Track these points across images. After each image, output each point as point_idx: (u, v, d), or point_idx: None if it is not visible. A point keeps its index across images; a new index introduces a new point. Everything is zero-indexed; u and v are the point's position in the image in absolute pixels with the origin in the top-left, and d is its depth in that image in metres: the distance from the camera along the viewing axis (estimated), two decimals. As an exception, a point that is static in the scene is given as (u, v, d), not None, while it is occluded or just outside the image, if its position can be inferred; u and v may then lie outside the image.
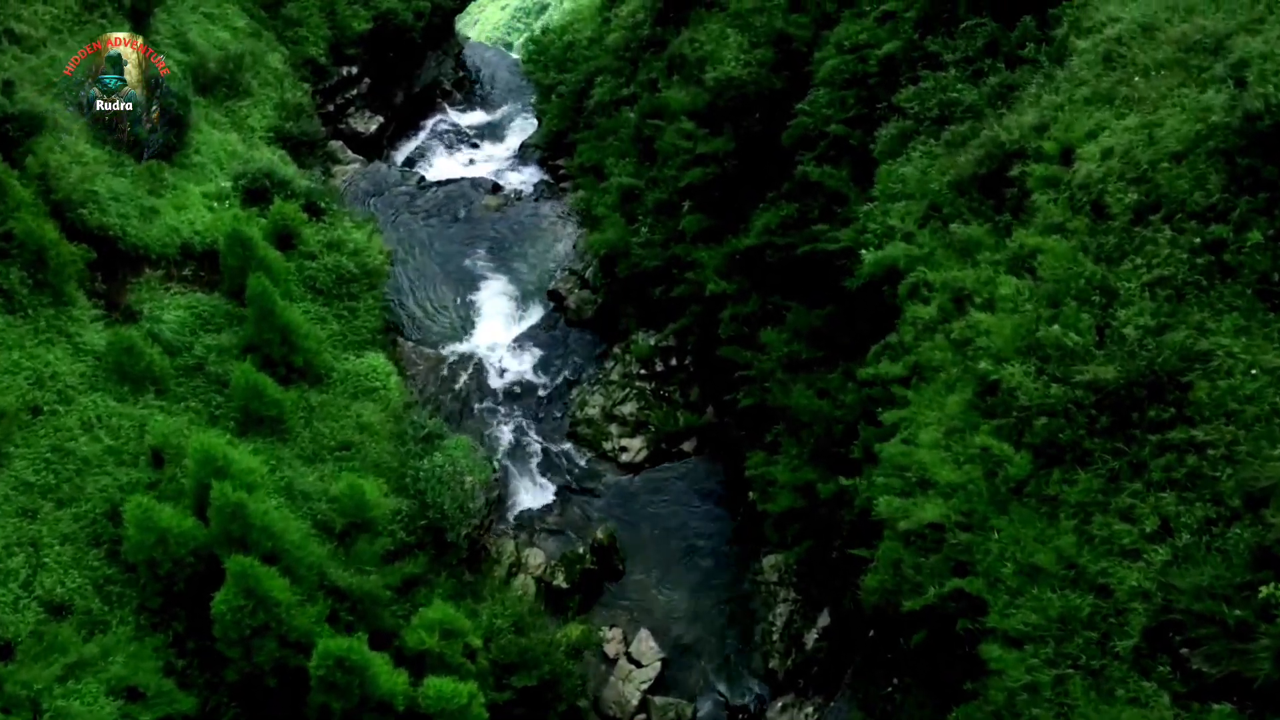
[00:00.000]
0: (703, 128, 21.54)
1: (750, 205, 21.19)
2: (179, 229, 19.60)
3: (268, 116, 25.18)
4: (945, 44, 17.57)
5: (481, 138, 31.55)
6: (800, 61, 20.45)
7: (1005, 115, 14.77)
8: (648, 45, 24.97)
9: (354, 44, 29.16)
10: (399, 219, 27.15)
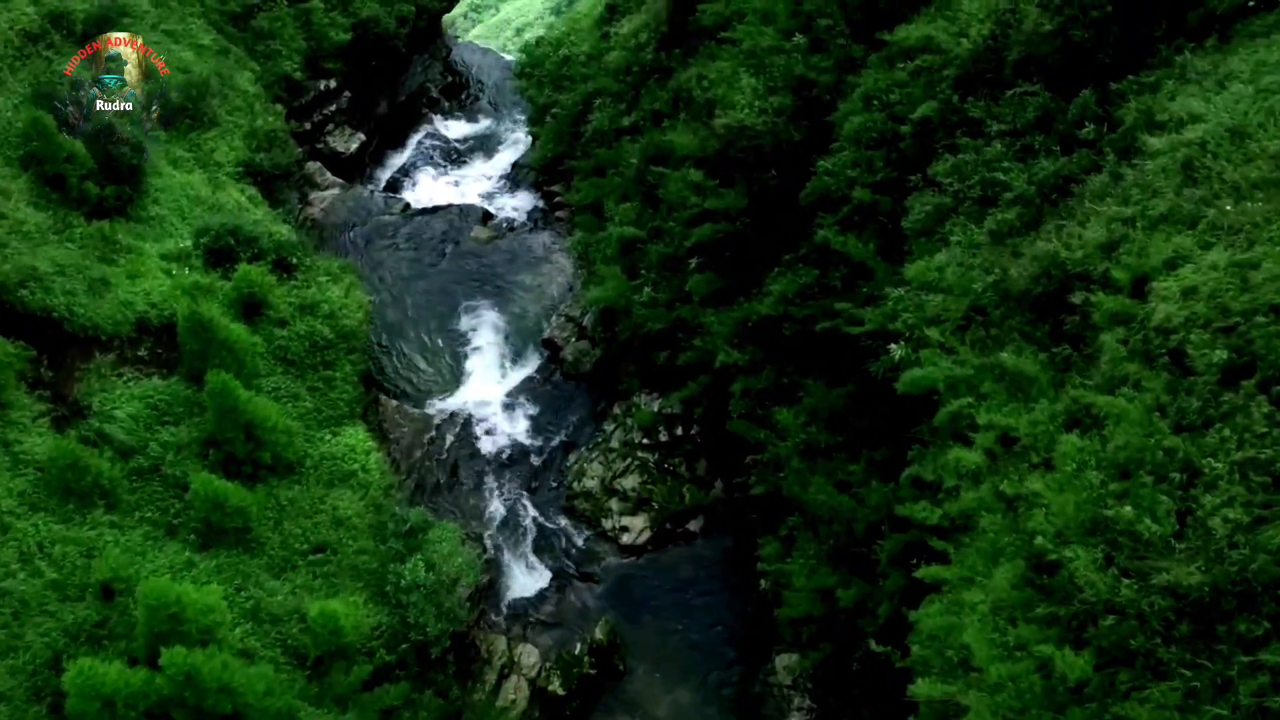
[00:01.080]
0: (712, 177, 19.56)
1: (764, 266, 19.31)
2: (133, 302, 17.76)
3: (236, 149, 23.08)
4: (989, 109, 15.53)
5: (471, 153, 29.36)
6: (822, 109, 18.39)
7: (1065, 225, 12.83)
8: (651, 71, 22.79)
9: (332, 55, 26.88)
10: (381, 254, 25.20)
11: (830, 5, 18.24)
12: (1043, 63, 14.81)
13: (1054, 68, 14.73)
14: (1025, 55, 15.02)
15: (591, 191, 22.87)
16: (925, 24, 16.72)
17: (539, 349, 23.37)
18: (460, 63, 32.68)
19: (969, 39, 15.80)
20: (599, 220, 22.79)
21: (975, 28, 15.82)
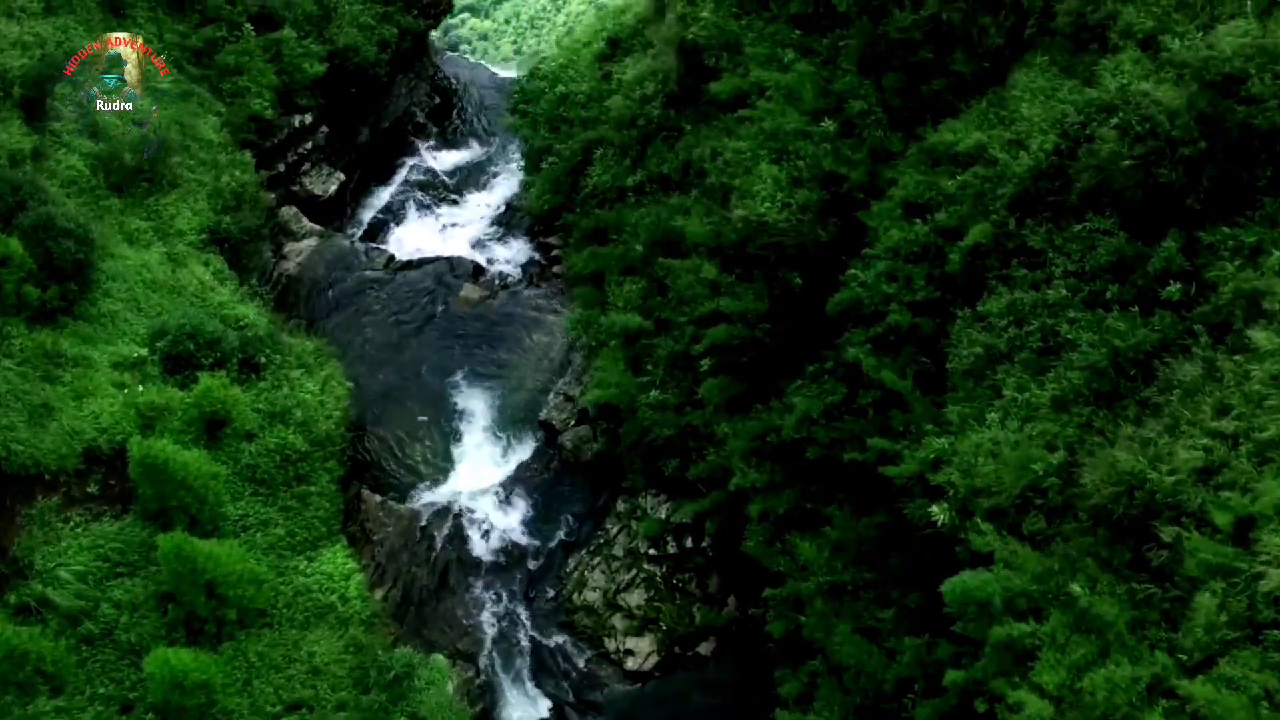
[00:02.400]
0: (727, 270, 17.52)
1: (785, 372, 17.40)
2: (80, 430, 15.87)
3: (200, 213, 20.90)
4: (1051, 238, 13.54)
5: (462, 187, 27.06)
6: (854, 205, 16.33)
7: (1149, 423, 10.91)
8: (658, 128, 20.53)
9: (307, 89, 24.45)
10: (364, 316, 23.20)
11: (864, 87, 16.05)
12: (1118, 196, 12.75)
13: (1132, 203, 12.67)
14: (1097, 183, 12.96)
15: (592, 263, 20.79)
16: (976, 126, 14.60)
17: (535, 430, 21.53)
18: (448, 80, 30.10)
19: (1029, 153, 13.70)
20: (599, 292, 20.76)
21: (1037, 140, 13.71)
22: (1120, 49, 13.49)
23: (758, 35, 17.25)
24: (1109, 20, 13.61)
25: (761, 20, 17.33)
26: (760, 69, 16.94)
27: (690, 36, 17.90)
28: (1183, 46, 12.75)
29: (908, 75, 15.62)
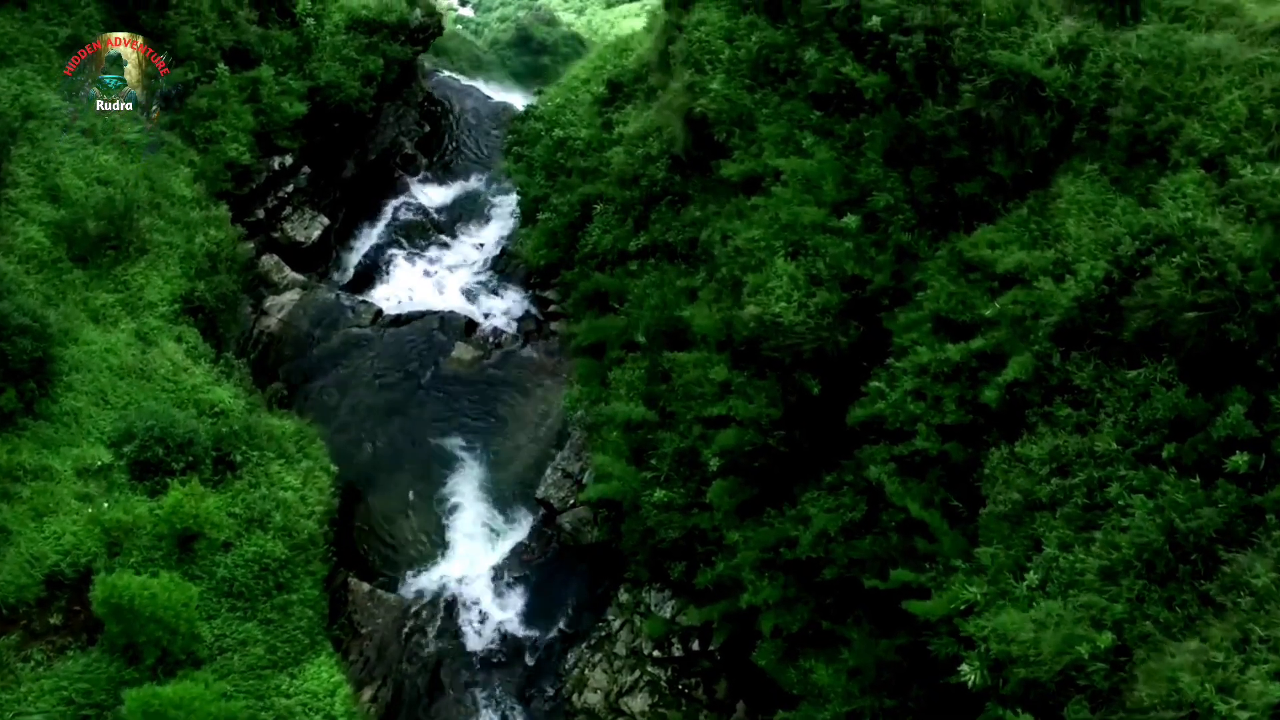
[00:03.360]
0: (738, 366, 16.22)
1: (800, 477, 16.21)
2: (42, 556, 14.72)
3: (172, 280, 19.53)
4: (1099, 376, 12.25)
5: (453, 227, 25.57)
6: (877, 306, 15.01)
7: (1222, 660, 9.74)
8: (664, 191, 19.07)
9: (287, 130, 22.88)
10: (350, 380, 21.93)
11: (891, 179, 14.65)
12: (1178, 343, 11.46)
13: (1194, 352, 11.38)
14: (1154, 325, 11.66)
15: (591, 335, 19.47)
16: (1016, 240, 13.26)
17: (532, 507, 20.39)
18: (438, 105, 28.37)
19: (1076, 281, 12.37)
20: (599, 364, 19.47)
21: (1085, 266, 12.37)
22: (1182, 167, 12.10)
23: (773, 112, 15.77)
24: (1169, 134, 12.20)
25: (778, 95, 15.84)
26: (775, 150, 15.52)
27: (699, 109, 16.40)
28: (1254, 173, 11.40)
29: (940, 171, 14.20)
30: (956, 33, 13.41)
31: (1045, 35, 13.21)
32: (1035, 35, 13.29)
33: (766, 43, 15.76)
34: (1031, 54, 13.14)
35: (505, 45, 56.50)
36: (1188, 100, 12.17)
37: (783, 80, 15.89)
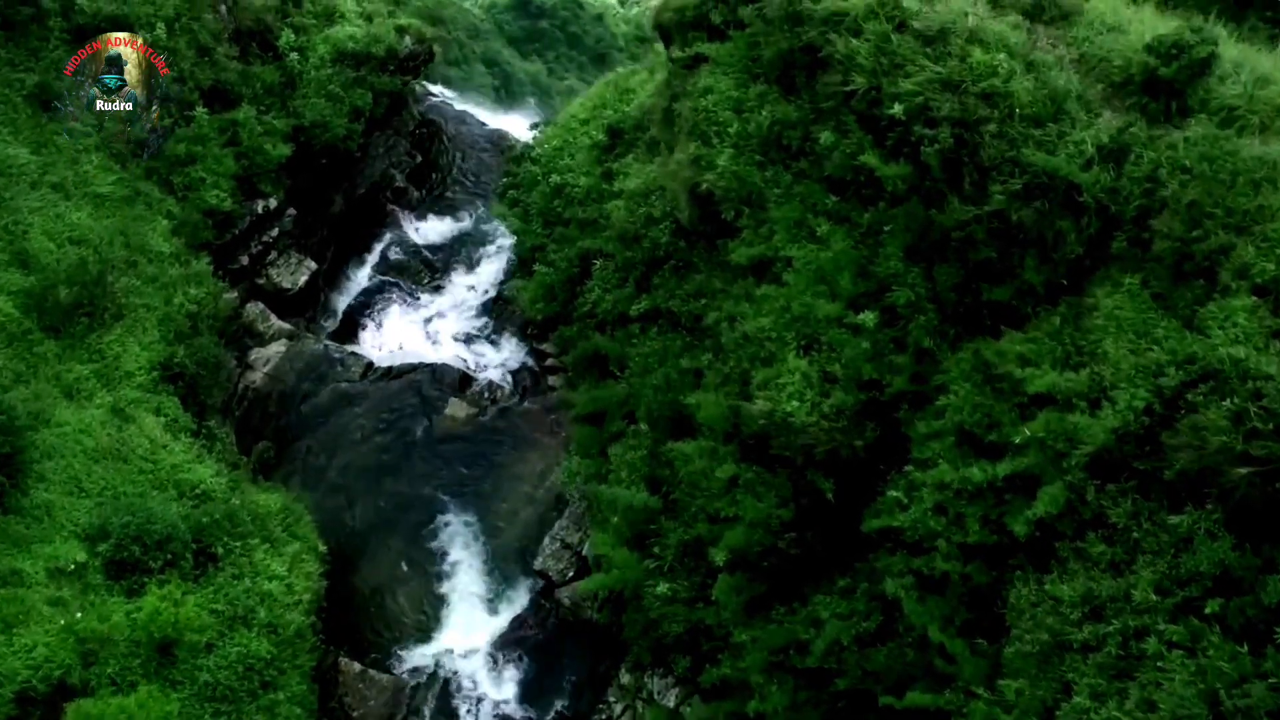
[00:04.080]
0: (745, 458, 15.36)
1: (811, 578, 15.43)
2: (13, 672, 13.90)
3: (150, 346, 18.59)
4: (1137, 514, 11.40)
5: (446, 266, 24.53)
6: (894, 408, 14.12)
7: None
8: (667, 255, 18.08)
9: (270, 174, 21.79)
10: (339, 438, 21.04)
11: (912, 274, 13.67)
12: (1226, 494, 10.60)
13: (1244, 504, 10.52)
14: (1200, 469, 10.80)
15: (591, 404, 18.58)
16: (1048, 356, 12.32)
17: (530, 578, 19.63)
18: (430, 132, 27.15)
19: (1115, 411, 11.47)
20: (599, 432, 18.62)
21: (1124, 395, 11.46)
22: (1232, 292, 11.15)
23: (784, 192, 14.75)
24: (1219, 254, 11.24)
25: (790, 174, 14.80)
26: (787, 234, 14.54)
27: (705, 185, 15.37)
28: (1313, 306, 10.47)
29: (965, 270, 13.22)
30: (986, 128, 12.37)
31: (1083, 133, 12.19)
32: (1072, 133, 12.27)
33: (778, 118, 14.69)
34: (1069, 155, 12.14)
35: (503, 9, 54.86)
36: (1240, 218, 11.19)
37: (795, 158, 14.84)
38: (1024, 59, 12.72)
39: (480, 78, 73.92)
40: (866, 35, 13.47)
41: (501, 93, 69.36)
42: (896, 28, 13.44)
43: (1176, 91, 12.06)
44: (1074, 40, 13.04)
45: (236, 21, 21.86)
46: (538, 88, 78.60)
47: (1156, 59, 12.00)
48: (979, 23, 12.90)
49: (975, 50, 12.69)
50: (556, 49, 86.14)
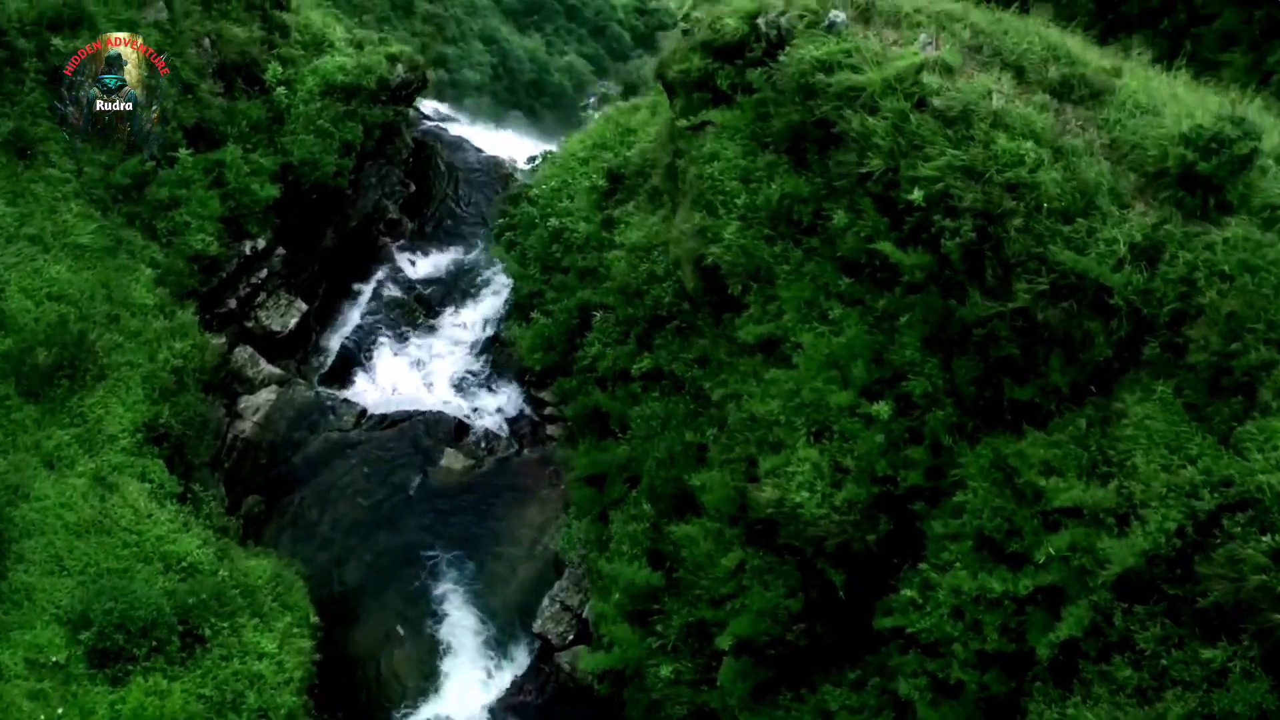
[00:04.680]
0: (752, 543, 14.79)
1: (821, 667, 14.89)
2: (-11, 776, 13.43)
3: (134, 406, 17.91)
4: (1166, 644, 10.82)
5: (440, 302, 23.79)
6: (909, 500, 13.51)
7: None
8: (671, 316, 17.39)
9: (257, 214, 21.01)
10: (331, 490, 20.43)
11: (929, 365, 13.01)
12: (1265, 634, 10.02)
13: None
14: (1236, 604, 10.21)
15: (590, 467, 17.97)
16: (1073, 466, 11.71)
17: (529, 639, 19.09)
18: (425, 159, 26.26)
19: (1145, 532, 10.85)
20: (599, 495, 18.03)
21: (1155, 515, 10.84)
22: (1273, 411, 10.50)
23: (794, 270, 14.04)
24: (1260, 371, 10.59)
25: (800, 250, 14.07)
26: (797, 314, 13.85)
27: (710, 258, 14.65)
28: (1363, 436, 9.83)
29: (986, 364, 12.56)
30: (1012, 222, 11.65)
31: (1115, 231, 11.48)
32: (1103, 229, 11.56)
33: (788, 192, 13.94)
34: (1100, 255, 11.43)
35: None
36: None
37: (807, 233, 14.11)
38: (1052, 145, 11.96)
39: (478, 55, 72.49)
40: (884, 113, 12.71)
41: (499, 86, 68.02)
42: (916, 104, 12.68)
43: (1215, 187, 11.34)
44: (1105, 123, 12.29)
45: (221, 56, 20.99)
46: (536, 65, 77.49)
47: (1194, 153, 11.27)
48: (1004, 105, 12.14)
49: (1000, 136, 11.95)
50: (555, 21, 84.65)
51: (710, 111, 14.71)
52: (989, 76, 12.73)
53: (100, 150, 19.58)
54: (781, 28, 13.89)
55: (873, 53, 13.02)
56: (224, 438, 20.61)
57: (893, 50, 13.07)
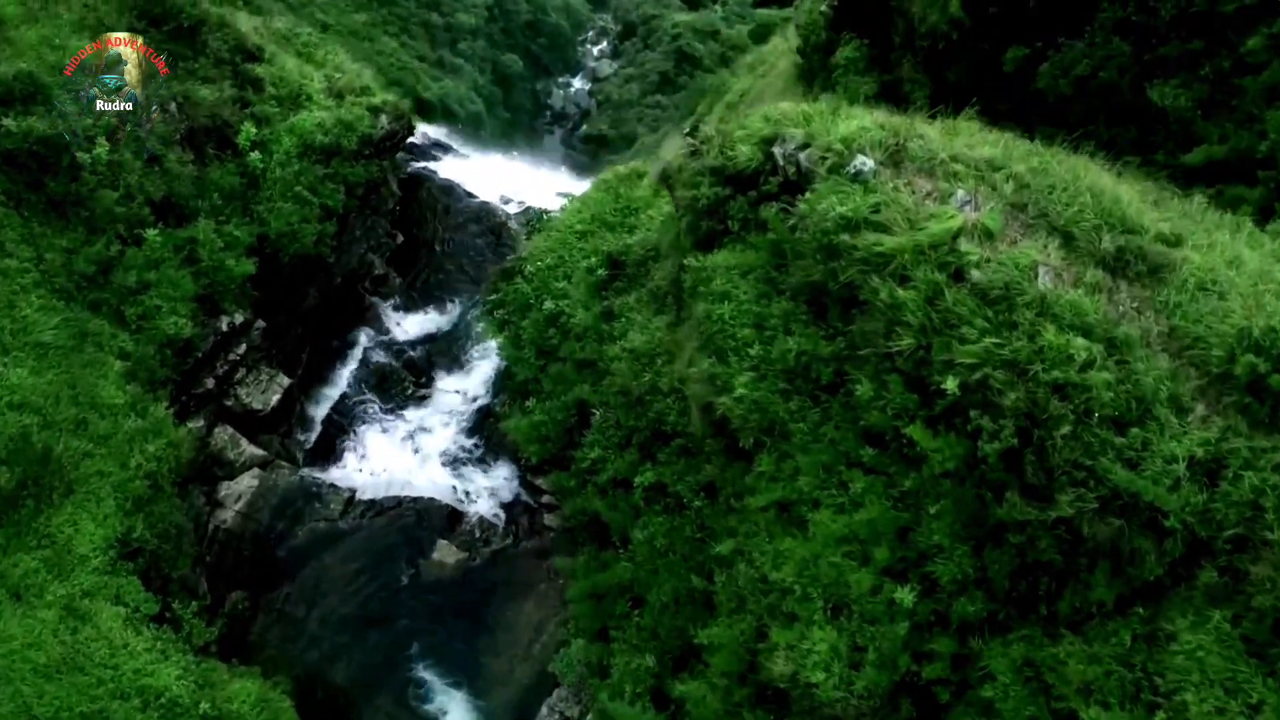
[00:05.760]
0: (763, 704, 13.93)
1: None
2: None
3: (105, 521, 16.85)
4: None
5: (431, 367, 22.58)
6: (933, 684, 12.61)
7: None
8: (675, 434, 16.29)
9: (234, 291, 19.67)
10: (318, 584, 19.54)
11: (959, 552, 11.96)
12: None
13: None
14: None
15: (590, 585, 17.04)
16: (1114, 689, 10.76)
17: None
18: (412, 197, 24.72)
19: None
20: (598, 608, 17.15)
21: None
22: (1348, 664, 9.53)
23: (812, 431, 12.89)
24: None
25: (819, 410, 12.90)
26: (814, 480, 12.76)
27: (720, 409, 13.49)
28: None
29: (1022, 561, 11.53)
30: (1059, 431, 10.51)
31: (1174, 445, 10.34)
32: (1160, 442, 10.43)
33: (806, 349, 12.72)
34: (1156, 473, 10.31)
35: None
36: (1360, 583, 9.48)
37: (827, 389, 12.95)
38: (1105, 337, 10.76)
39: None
40: (915, 284, 11.45)
41: (494, 29, 65.85)
42: (952, 276, 11.42)
43: (1288, 399, 10.18)
44: (1163, 306, 11.06)
45: (189, 120, 19.41)
46: (532, 5, 75.69)
47: (1265, 362, 10.09)
48: (1051, 286, 10.89)
49: (1047, 327, 10.73)
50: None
51: (720, 253, 13.40)
52: (1034, 244, 11.44)
53: (61, 234, 18.15)
54: (801, 165, 12.49)
55: (904, 210, 11.69)
56: (205, 528, 19.63)
57: (926, 206, 11.73)
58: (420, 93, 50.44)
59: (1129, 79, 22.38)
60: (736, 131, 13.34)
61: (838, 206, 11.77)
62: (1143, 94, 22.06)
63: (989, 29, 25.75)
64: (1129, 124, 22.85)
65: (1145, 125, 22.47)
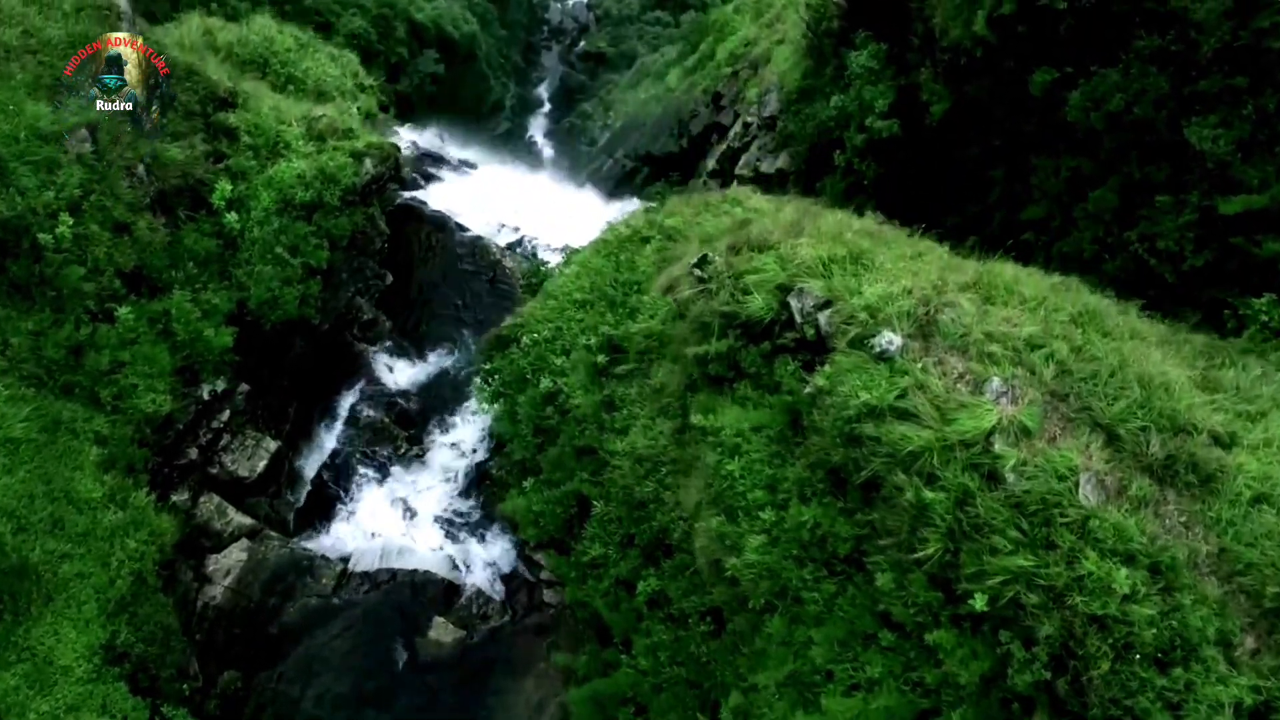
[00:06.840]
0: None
1: None
2: None
3: (88, 627, 16.25)
4: None
5: (424, 421, 21.63)
6: None
7: None
8: (679, 548, 15.54)
9: (214, 362, 18.63)
10: (311, 667, 19.05)
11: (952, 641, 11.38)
12: None
13: None
14: None
15: (589, 693, 16.52)
16: None
17: (527, 833, 18.24)
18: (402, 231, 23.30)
19: None
20: (602, 713, 16.70)
21: None
22: None
23: (825, 605, 12.14)
24: None
25: (834, 582, 12.12)
26: (828, 654, 12.08)
27: (729, 569, 12.69)
28: None
29: (1046, 770, 10.92)
30: (1095, 671, 9.77)
31: (1219, 689, 9.62)
32: (1205, 685, 9.69)
33: (821, 522, 11.86)
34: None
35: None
36: None
37: (843, 562, 12.14)
38: (1150, 561, 9.92)
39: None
40: (944, 483, 10.53)
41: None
42: (985, 477, 10.50)
43: (1346, 645, 9.40)
44: (1214, 522, 10.17)
45: (159, 182, 18.05)
46: None
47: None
48: (1092, 509, 9.99)
49: (1088, 554, 9.87)
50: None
51: (730, 411, 12.39)
52: (1076, 442, 10.48)
53: (26, 315, 17.04)
54: (821, 328, 11.41)
55: (933, 397, 10.68)
56: (193, 605, 19.08)
57: (958, 392, 10.71)
58: (413, 15, 48.09)
59: (1164, 115, 20.97)
60: (749, 275, 12.19)
61: (861, 393, 10.76)
62: (1178, 131, 20.69)
63: (1016, 48, 24.08)
64: (1162, 162, 21.55)
65: (1180, 164, 21.16)
